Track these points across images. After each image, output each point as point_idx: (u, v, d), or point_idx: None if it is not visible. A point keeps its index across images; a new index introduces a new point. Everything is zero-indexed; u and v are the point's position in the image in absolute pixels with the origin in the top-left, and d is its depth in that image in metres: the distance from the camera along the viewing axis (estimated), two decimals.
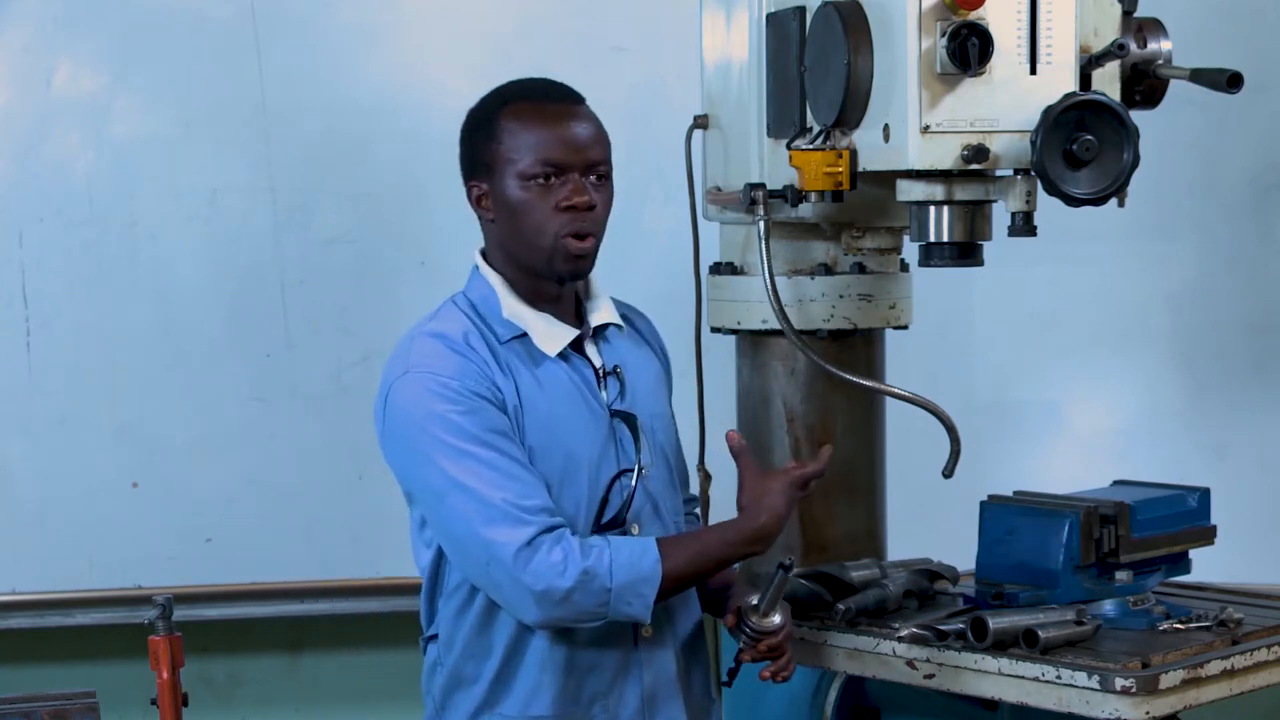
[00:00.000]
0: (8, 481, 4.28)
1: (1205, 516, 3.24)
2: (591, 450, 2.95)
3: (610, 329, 3.05)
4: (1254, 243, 4.62)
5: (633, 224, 4.43)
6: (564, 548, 2.81)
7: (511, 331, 2.95)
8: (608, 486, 2.95)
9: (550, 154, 2.90)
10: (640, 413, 3.00)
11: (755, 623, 2.95)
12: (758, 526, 2.93)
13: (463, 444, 2.83)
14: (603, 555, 2.83)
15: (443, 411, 2.84)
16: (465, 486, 2.82)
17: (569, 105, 2.96)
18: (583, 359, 2.99)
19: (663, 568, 2.84)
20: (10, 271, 4.26)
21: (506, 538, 2.81)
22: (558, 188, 2.90)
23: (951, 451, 3.17)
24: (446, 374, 2.86)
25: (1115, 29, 3.11)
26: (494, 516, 2.81)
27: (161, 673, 3.24)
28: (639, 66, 4.39)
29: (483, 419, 2.84)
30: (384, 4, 4.36)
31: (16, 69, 4.26)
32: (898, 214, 3.27)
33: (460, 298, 3.00)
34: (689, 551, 2.90)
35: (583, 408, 2.96)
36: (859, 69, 3.01)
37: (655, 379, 3.11)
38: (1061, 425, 4.62)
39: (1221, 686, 2.93)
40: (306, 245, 4.33)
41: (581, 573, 2.81)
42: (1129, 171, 2.89)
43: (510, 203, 2.92)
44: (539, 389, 2.93)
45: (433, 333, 2.93)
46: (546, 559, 2.80)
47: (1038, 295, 4.56)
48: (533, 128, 2.91)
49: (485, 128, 2.95)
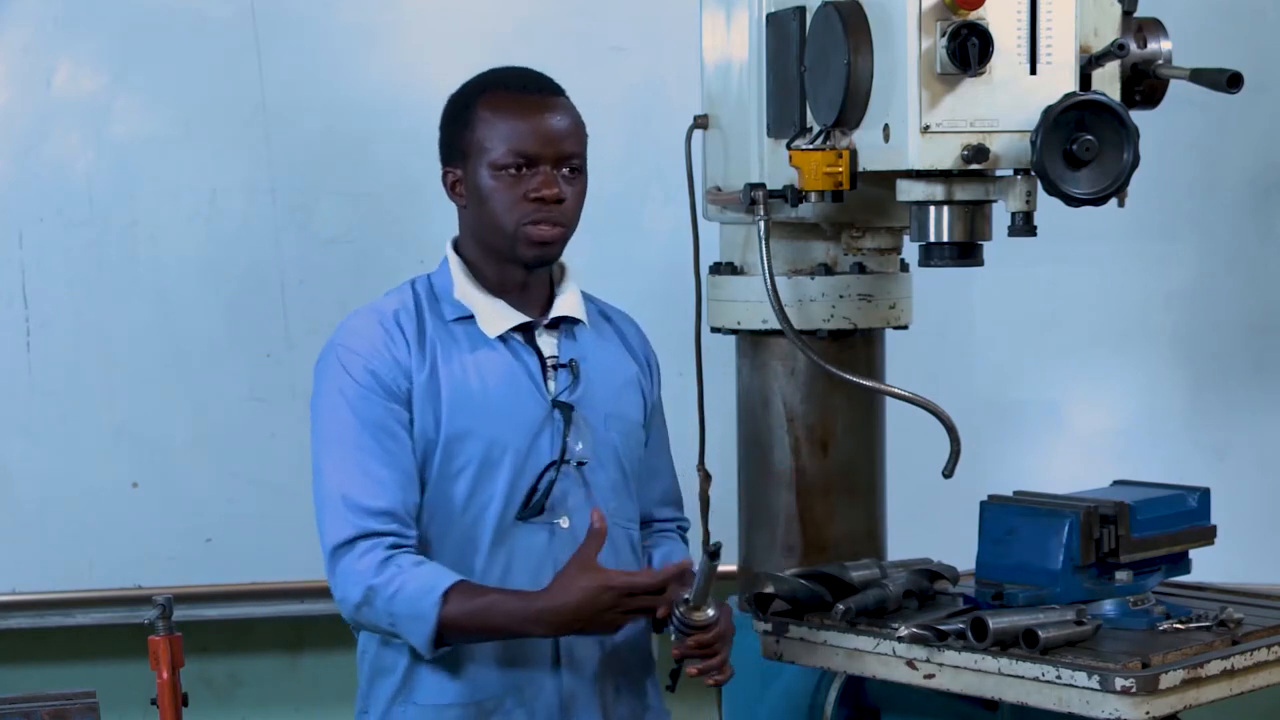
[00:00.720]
0: (8, 481, 4.28)
1: (1205, 516, 3.23)
2: (521, 437, 2.94)
3: (579, 326, 3.05)
4: (1254, 243, 4.62)
5: (633, 224, 4.46)
6: (371, 558, 2.83)
7: (458, 312, 2.98)
8: (539, 475, 2.94)
9: (522, 145, 2.92)
10: (592, 410, 2.99)
11: (683, 614, 2.86)
12: (543, 607, 2.82)
13: (342, 430, 2.89)
14: (393, 579, 2.82)
15: (337, 392, 2.91)
16: (324, 470, 2.91)
17: (546, 97, 2.98)
18: (529, 348, 2.99)
19: (439, 613, 2.80)
20: (10, 271, 4.26)
21: (331, 532, 2.87)
22: (528, 178, 2.93)
23: (951, 451, 3.16)
24: (357, 350, 2.92)
25: (1115, 29, 3.10)
26: (334, 507, 2.88)
27: (161, 673, 3.24)
28: (639, 66, 4.39)
29: (368, 408, 2.89)
30: (384, 4, 4.37)
31: (16, 69, 4.26)
32: (898, 214, 3.27)
33: (422, 279, 3.05)
34: (473, 606, 2.82)
35: (519, 395, 2.95)
36: (859, 69, 3.01)
37: (624, 383, 3.09)
38: (1061, 425, 4.62)
39: (1221, 686, 2.93)
40: (306, 245, 4.33)
41: (367, 589, 2.83)
42: (1129, 171, 2.89)
43: (480, 191, 2.95)
44: (473, 372, 2.94)
45: (372, 307, 3.00)
46: (354, 564, 2.85)
47: (1038, 295, 4.56)
48: (507, 118, 2.94)
49: (461, 115, 2.98)
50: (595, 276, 4.38)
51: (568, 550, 2.92)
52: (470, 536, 2.93)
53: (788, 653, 3.16)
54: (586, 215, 4.42)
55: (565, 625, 2.84)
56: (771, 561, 3.44)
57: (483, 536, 2.93)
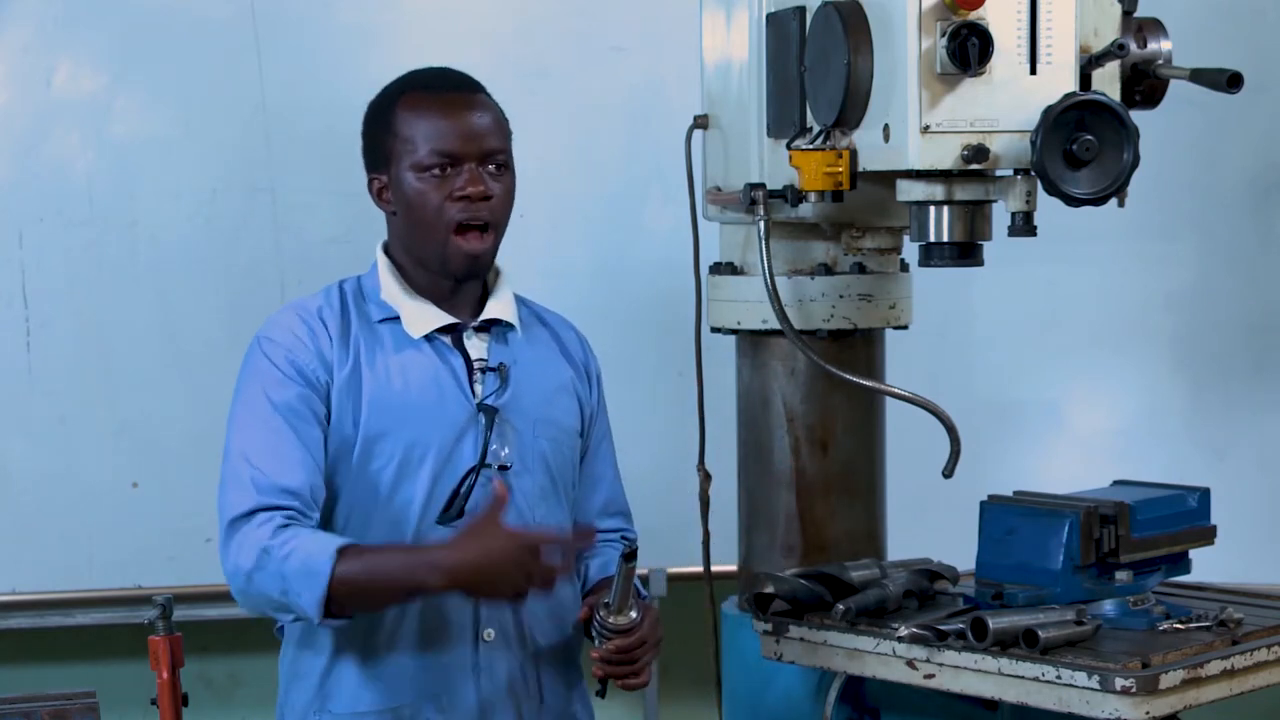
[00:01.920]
0: (8, 481, 4.28)
1: (1205, 516, 3.23)
2: (443, 439, 2.90)
3: (510, 332, 3.00)
4: (1254, 243, 4.62)
5: (633, 224, 4.46)
6: (268, 526, 2.79)
7: (384, 313, 2.96)
8: (461, 479, 2.89)
9: (444, 144, 2.88)
10: (519, 415, 2.95)
11: (602, 619, 2.83)
12: (444, 557, 2.76)
13: (257, 411, 2.87)
14: (288, 542, 2.77)
15: (255, 380, 2.90)
16: (231, 451, 2.88)
17: (464, 94, 2.94)
18: (456, 351, 2.95)
19: (332, 567, 2.72)
20: (10, 271, 4.26)
21: (230, 504, 2.84)
22: (453, 178, 2.89)
23: (951, 451, 3.16)
24: (279, 341, 2.91)
25: (1115, 29, 3.10)
26: (234, 482, 2.85)
27: (161, 673, 3.24)
28: (639, 66, 4.39)
29: (283, 393, 2.87)
30: (384, 4, 4.37)
31: (16, 69, 4.26)
32: (898, 214, 3.26)
33: (350, 279, 3.04)
34: (368, 559, 2.76)
35: (442, 397, 2.92)
36: (859, 69, 3.01)
37: (557, 388, 3.04)
38: (1061, 425, 4.62)
39: (1221, 686, 2.93)
40: (306, 245, 4.33)
41: (261, 551, 2.77)
42: (1129, 171, 2.89)
43: (406, 195, 2.91)
44: (396, 373, 2.91)
45: (297, 303, 3.00)
46: (250, 533, 2.80)
47: (1038, 295, 4.56)
48: (427, 117, 2.90)
49: (381, 119, 2.94)
50: (595, 276, 4.41)
51: None
52: (391, 536, 2.88)
53: (788, 653, 3.16)
54: (587, 215, 4.46)
55: (465, 576, 2.75)
56: (771, 561, 3.43)
57: (404, 536, 2.88)
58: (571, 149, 4.37)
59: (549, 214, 4.28)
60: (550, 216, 4.31)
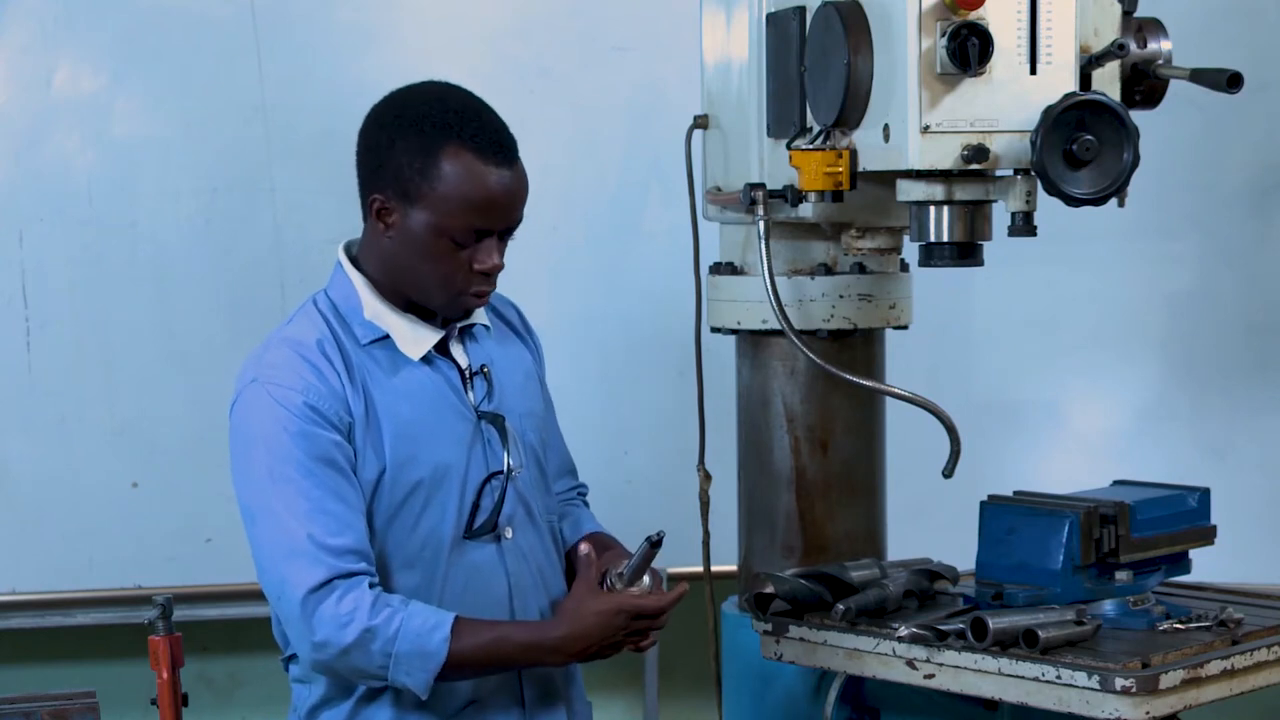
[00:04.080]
0: (8, 481, 4.28)
1: (1205, 516, 3.23)
2: (459, 455, 2.86)
3: (477, 327, 2.95)
4: (1254, 243, 4.62)
5: (633, 224, 4.46)
6: (355, 598, 2.71)
7: (372, 334, 2.85)
8: (478, 490, 2.87)
9: (480, 221, 2.79)
10: (509, 412, 2.92)
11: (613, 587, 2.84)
12: (558, 637, 2.78)
13: (286, 468, 2.74)
14: (393, 618, 2.71)
15: (276, 431, 2.76)
16: (275, 512, 2.74)
17: (509, 169, 2.81)
18: (447, 360, 2.91)
19: (449, 647, 2.71)
20: (10, 271, 4.26)
21: (300, 576, 2.72)
22: (474, 247, 2.80)
23: (951, 451, 3.16)
24: (290, 386, 2.77)
25: (1115, 29, 3.11)
26: (295, 550, 2.72)
27: (161, 673, 3.24)
28: (639, 66, 4.39)
29: (313, 444, 2.75)
30: (384, 4, 4.36)
31: (16, 69, 4.26)
32: (898, 214, 3.26)
33: (321, 297, 2.91)
34: (483, 639, 2.75)
35: (448, 412, 2.87)
36: (859, 69, 3.01)
37: (525, 375, 3.01)
38: (1061, 425, 4.62)
39: (1221, 686, 2.93)
40: (306, 245, 4.32)
41: (364, 631, 2.70)
42: (1129, 171, 2.89)
43: (422, 246, 2.80)
44: (401, 397, 2.84)
45: (287, 339, 2.84)
46: (335, 608, 2.70)
47: (1038, 295, 4.56)
48: (471, 184, 2.77)
49: (420, 155, 2.79)
50: (595, 277, 4.41)
51: (516, 561, 2.88)
52: (425, 559, 2.84)
53: (788, 653, 3.16)
54: (587, 215, 4.46)
55: (581, 652, 2.79)
56: (771, 561, 3.43)
57: (438, 558, 2.84)
58: (571, 149, 4.36)
59: (549, 214, 4.28)
60: (550, 217, 4.31)
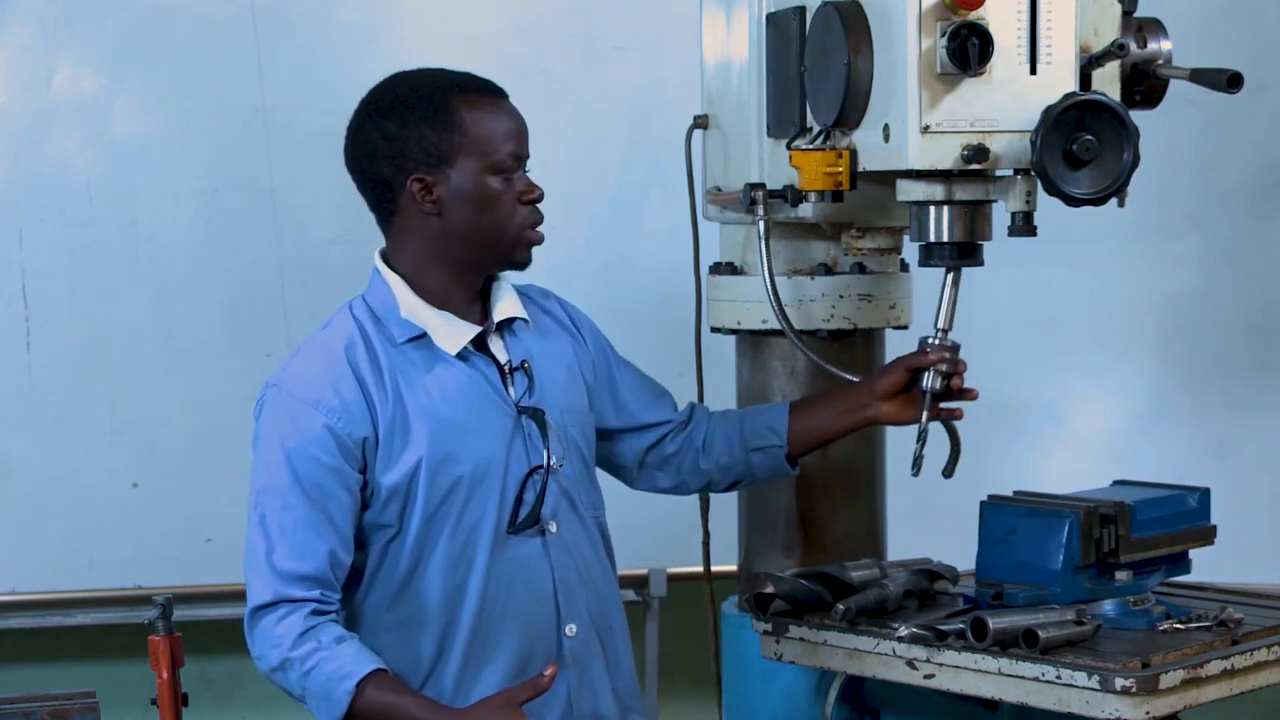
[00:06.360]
0: (8, 481, 4.28)
1: (1205, 516, 3.23)
2: (500, 450, 2.89)
3: (517, 322, 2.98)
4: (1254, 243, 4.62)
5: (633, 224, 4.47)
6: (290, 624, 2.79)
7: (409, 332, 2.89)
8: (520, 485, 2.90)
9: (515, 147, 2.91)
10: (550, 407, 2.94)
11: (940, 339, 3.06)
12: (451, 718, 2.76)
13: (275, 483, 2.83)
14: (311, 655, 2.77)
15: (276, 445, 2.83)
16: (254, 523, 2.85)
17: (508, 99, 2.96)
18: (485, 357, 2.93)
19: (351, 701, 2.73)
20: (10, 271, 4.26)
21: (253, 589, 2.84)
22: (516, 180, 2.92)
23: (951, 451, 3.17)
24: (304, 399, 2.83)
25: (1115, 29, 3.10)
26: (256, 565, 2.84)
27: (161, 673, 3.24)
28: (639, 66, 4.39)
29: (310, 469, 2.81)
30: (384, 4, 4.37)
31: (16, 69, 4.27)
32: (898, 214, 3.26)
33: (358, 302, 2.94)
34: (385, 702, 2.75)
35: (487, 408, 2.90)
36: (859, 69, 3.01)
37: (567, 370, 3.03)
38: (1061, 425, 4.62)
39: (1221, 686, 2.93)
40: (306, 245, 4.33)
41: (284, 659, 2.79)
42: (1129, 171, 2.89)
43: (476, 195, 2.88)
44: (438, 395, 2.87)
45: (315, 344, 2.90)
46: (272, 629, 2.80)
47: (1038, 295, 4.56)
48: (495, 117, 2.91)
49: (437, 118, 2.88)
50: (595, 276, 4.41)
51: (561, 555, 2.91)
52: (465, 555, 2.87)
53: (788, 653, 3.16)
54: (587, 215, 4.46)
55: None
56: (771, 561, 3.43)
57: (478, 554, 2.87)
58: (572, 149, 4.36)
59: (549, 214, 4.24)
60: (550, 216, 4.28)
